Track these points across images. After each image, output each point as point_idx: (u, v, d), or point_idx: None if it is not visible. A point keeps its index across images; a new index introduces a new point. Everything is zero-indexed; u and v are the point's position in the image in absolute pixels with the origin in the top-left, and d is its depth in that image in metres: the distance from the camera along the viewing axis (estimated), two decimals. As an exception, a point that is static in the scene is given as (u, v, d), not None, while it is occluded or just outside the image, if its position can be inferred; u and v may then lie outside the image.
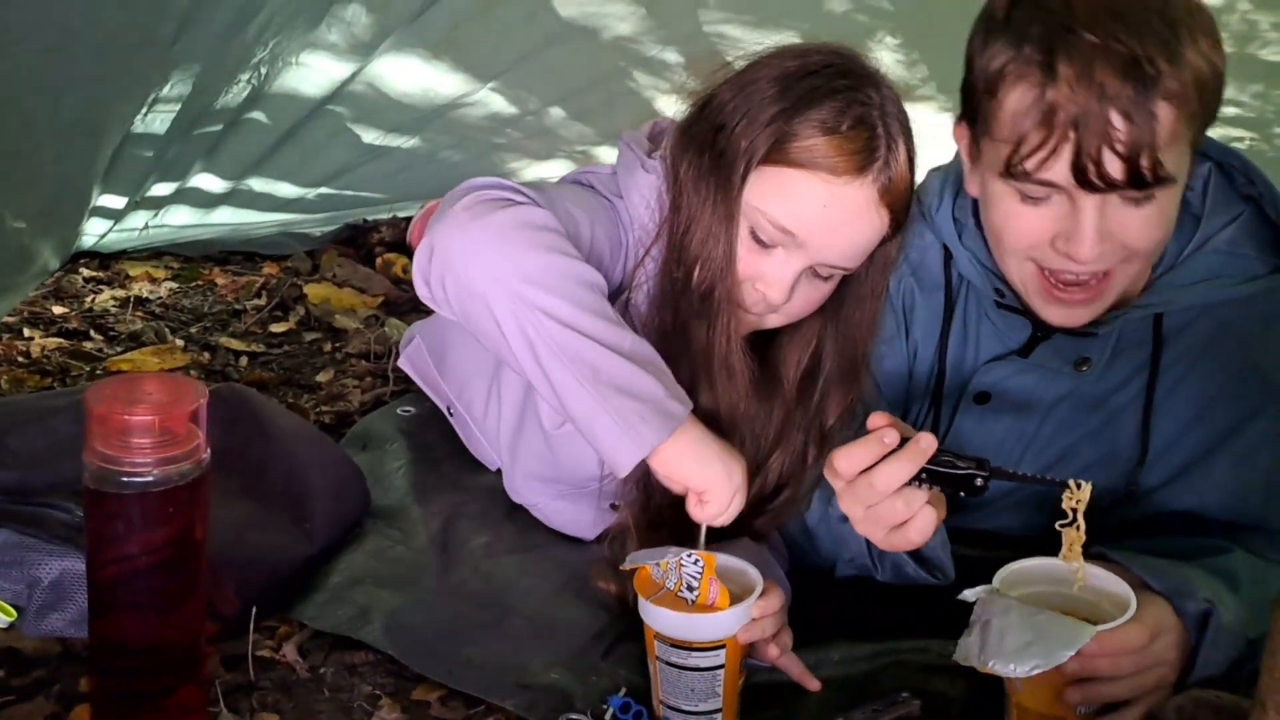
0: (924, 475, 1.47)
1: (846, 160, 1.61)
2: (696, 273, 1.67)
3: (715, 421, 1.69)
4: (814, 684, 1.63)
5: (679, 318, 1.71)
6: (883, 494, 1.46)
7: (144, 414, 1.38)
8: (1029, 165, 1.52)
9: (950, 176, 1.79)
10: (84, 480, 1.40)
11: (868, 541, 1.62)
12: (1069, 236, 1.55)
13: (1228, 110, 2.96)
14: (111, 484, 1.39)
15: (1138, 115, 1.46)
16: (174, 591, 1.48)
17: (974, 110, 1.64)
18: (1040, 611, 1.43)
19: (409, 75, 2.87)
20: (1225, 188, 1.72)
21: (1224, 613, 1.50)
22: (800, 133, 1.62)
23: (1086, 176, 1.50)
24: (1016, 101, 1.53)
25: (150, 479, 1.39)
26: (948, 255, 1.79)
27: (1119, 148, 1.48)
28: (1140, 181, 1.50)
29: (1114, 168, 1.49)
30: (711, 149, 1.66)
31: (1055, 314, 1.65)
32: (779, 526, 1.81)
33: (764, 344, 1.79)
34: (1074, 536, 1.46)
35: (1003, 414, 1.78)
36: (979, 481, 1.48)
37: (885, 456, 1.46)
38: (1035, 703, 1.49)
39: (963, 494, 1.49)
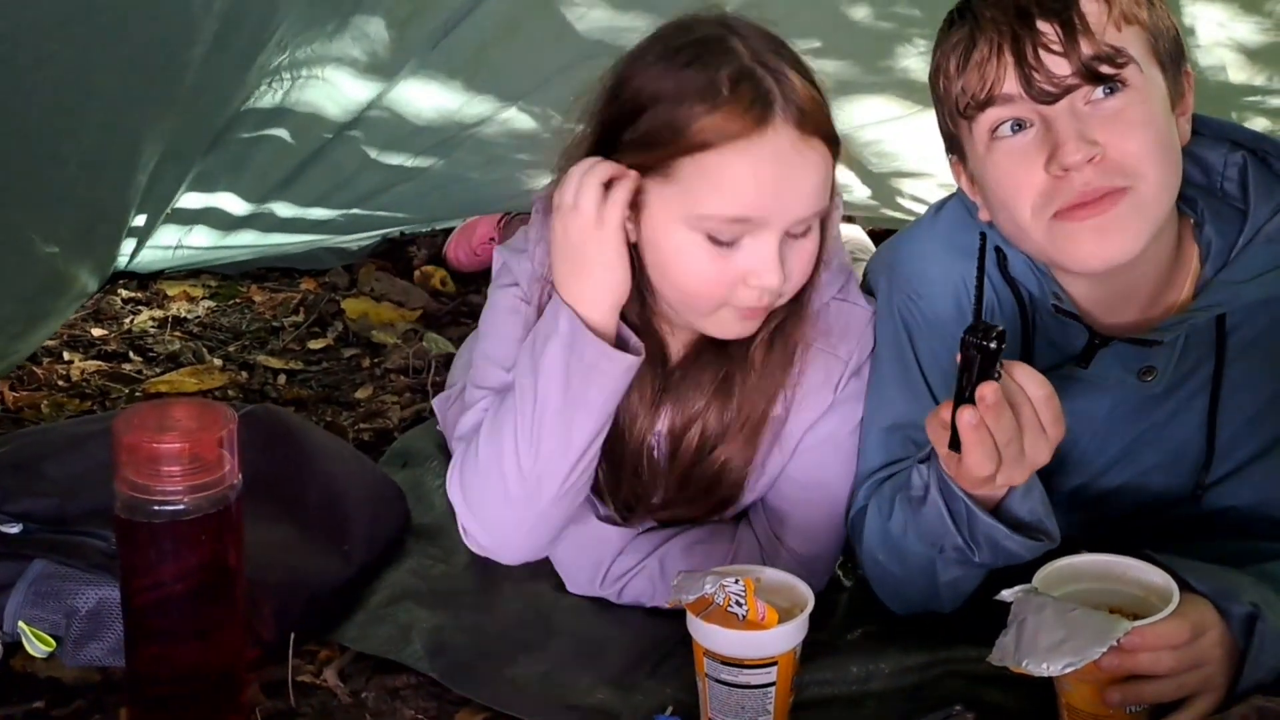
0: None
1: (746, 119, 1.57)
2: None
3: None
4: None
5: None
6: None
7: (173, 442, 1.37)
8: (981, 90, 1.57)
9: None
10: (115, 509, 1.39)
11: (954, 522, 1.56)
12: (1054, 151, 1.54)
13: (1271, 101, 2.91)
14: (142, 513, 1.37)
15: (1064, 14, 1.53)
16: (210, 619, 1.46)
17: (950, 130, 1.67)
18: (1075, 608, 1.41)
19: (435, 97, 2.85)
20: (1265, 174, 1.68)
21: (1273, 618, 1.45)
22: (688, 122, 1.59)
23: (1033, 83, 1.54)
24: (958, 59, 1.59)
25: (181, 507, 1.38)
26: (1000, 260, 1.74)
27: (1055, 47, 1.53)
28: (1087, 69, 1.52)
29: (1056, 65, 1.53)
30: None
31: (1088, 247, 1.58)
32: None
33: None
34: None
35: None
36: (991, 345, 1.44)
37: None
38: (1083, 702, 1.46)
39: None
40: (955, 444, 1.45)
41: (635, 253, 1.69)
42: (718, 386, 1.76)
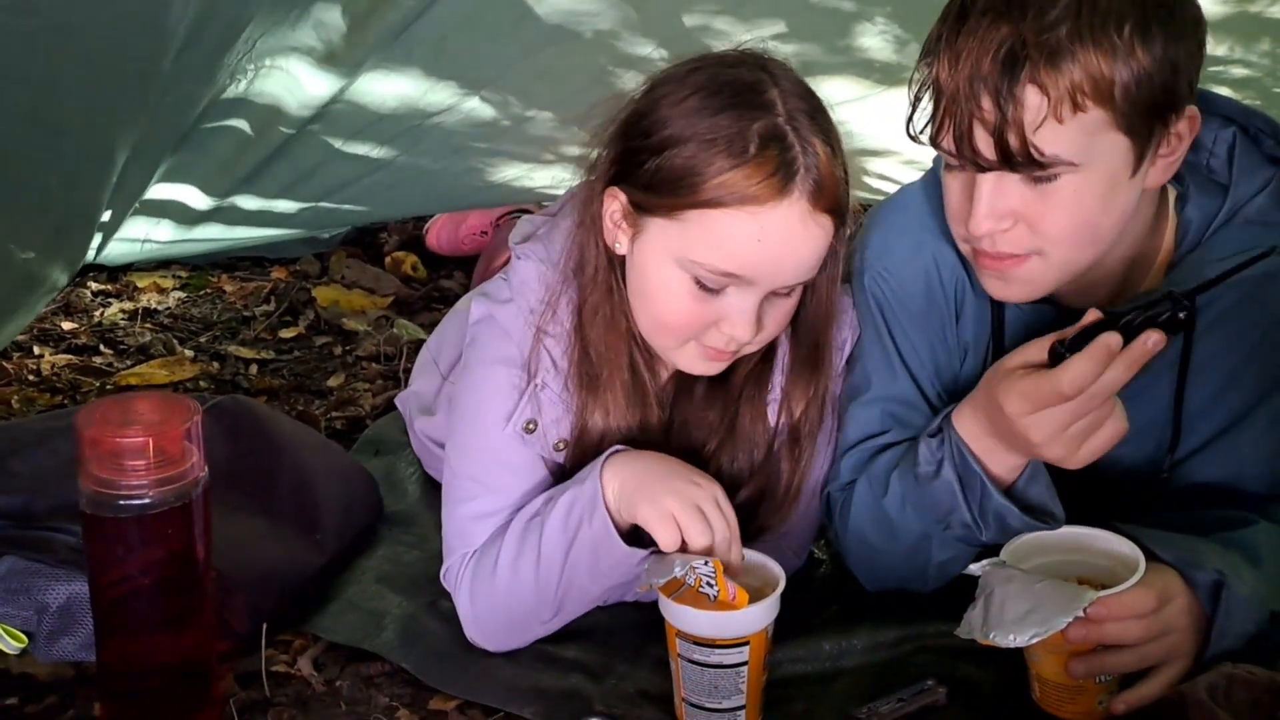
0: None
1: (765, 186, 1.53)
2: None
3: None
4: None
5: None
6: (1105, 397, 1.44)
7: (136, 435, 1.36)
8: (934, 129, 1.56)
9: None
10: (80, 505, 1.38)
11: (966, 498, 1.56)
12: (971, 209, 1.55)
13: (1233, 71, 2.90)
14: (108, 508, 1.37)
15: (1003, 98, 1.47)
16: (179, 612, 1.46)
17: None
18: (1041, 579, 1.42)
19: (397, 88, 2.82)
20: (1251, 152, 1.66)
21: (1239, 585, 1.46)
22: (707, 170, 1.53)
23: (962, 151, 1.52)
24: (926, 89, 1.57)
25: (147, 501, 1.37)
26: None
27: (986, 127, 1.49)
28: (1010, 161, 1.49)
29: (984, 145, 1.50)
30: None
31: (991, 286, 1.63)
32: (782, 524, 1.77)
33: None
34: None
35: None
36: (1182, 315, 1.44)
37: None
38: (1052, 673, 1.48)
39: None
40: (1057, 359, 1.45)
41: (621, 267, 1.68)
42: (732, 411, 1.76)
